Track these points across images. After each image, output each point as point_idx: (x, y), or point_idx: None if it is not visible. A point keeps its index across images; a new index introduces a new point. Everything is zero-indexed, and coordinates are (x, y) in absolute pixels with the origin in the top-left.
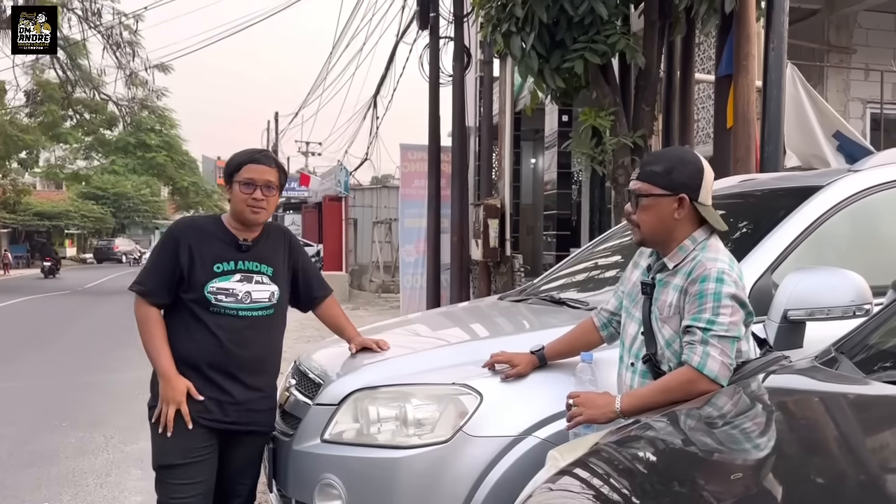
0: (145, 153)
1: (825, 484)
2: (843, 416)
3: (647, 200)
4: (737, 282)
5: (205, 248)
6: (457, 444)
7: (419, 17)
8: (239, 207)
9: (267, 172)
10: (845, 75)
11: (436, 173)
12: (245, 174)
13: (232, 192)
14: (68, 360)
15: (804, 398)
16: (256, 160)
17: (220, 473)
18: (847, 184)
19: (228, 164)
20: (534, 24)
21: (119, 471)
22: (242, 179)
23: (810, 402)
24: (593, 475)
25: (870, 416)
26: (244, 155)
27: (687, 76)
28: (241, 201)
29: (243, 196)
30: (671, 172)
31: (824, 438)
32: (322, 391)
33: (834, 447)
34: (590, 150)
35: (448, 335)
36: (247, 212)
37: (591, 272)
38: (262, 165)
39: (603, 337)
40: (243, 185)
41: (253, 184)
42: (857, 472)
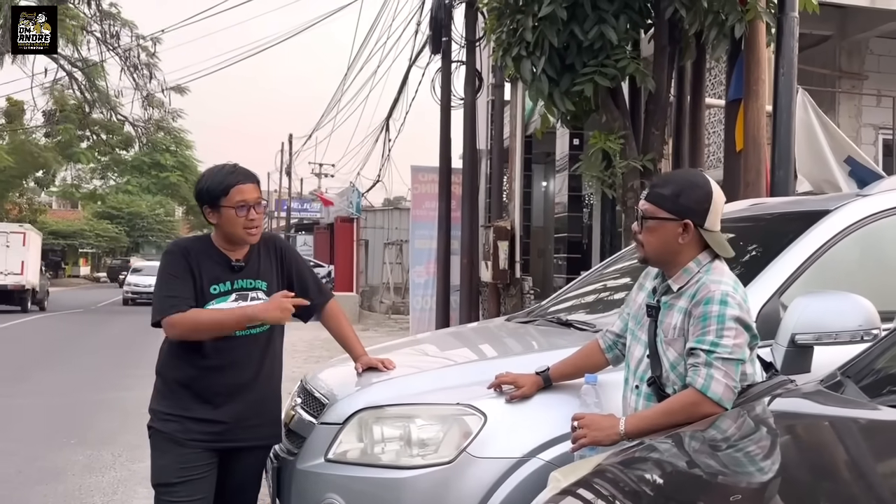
0: (159, 173)
1: None
2: (849, 440)
3: (652, 223)
4: (741, 304)
5: (203, 269)
6: (460, 465)
7: (431, 42)
8: (234, 231)
9: (254, 191)
10: (857, 101)
11: (446, 195)
12: (236, 197)
13: (221, 216)
14: (78, 378)
15: (809, 422)
16: (241, 181)
17: (221, 488)
18: (856, 208)
19: (210, 190)
20: (544, 48)
21: (125, 489)
22: (234, 203)
23: (815, 426)
24: (597, 496)
25: (876, 441)
26: (224, 177)
27: (697, 101)
28: (237, 225)
29: (238, 220)
30: (679, 196)
31: (829, 463)
32: (327, 410)
33: (839, 472)
34: (600, 173)
35: (455, 355)
36: (244, 234)
37: (600, 294)
38: (249, 184)
39: (608, 359)
40: (238, 208)
41: (246, 205)
42: (863, 497)
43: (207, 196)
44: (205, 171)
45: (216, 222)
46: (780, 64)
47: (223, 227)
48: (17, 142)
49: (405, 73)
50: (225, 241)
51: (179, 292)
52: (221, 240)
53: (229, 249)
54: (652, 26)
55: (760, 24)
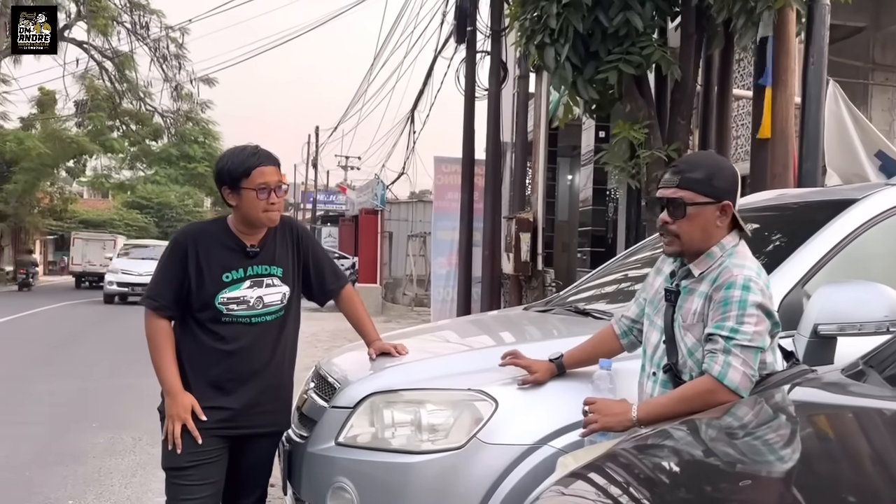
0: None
1: (851, 501)
2: (871, 430)
3: (693, 209)
4: (763, 290)
5: (212, 258)
6: (470, 451)
7: (456, 32)
8: (254, 214)
9: (275, 173)
10: (891, 94)
11: (469, 186)
12: (258, 179)
13: (241, 198)
14: (102, 363)
15: (830, 411)
16: (263, 162)
17: (233, 473)
18: (884, 197)
19: (231, 171)
20: (568, 35)
21: (144, 472)
22: (256, 185)
23: (836, 416)
24: (609, 481)
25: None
26: (245, 158)
27: (725, 91)
28: (257, 208)
29: (259, 202)
30: (713, 179)
31: (850, 453)
32: (338, 394)
33: (860, 463)
34: (624, 163)
35: (470, 341)
36: (264, 217)
37: (620, 284)
38: (270, 167)
39: (623, 345)
40: (259, 191)
41: (267, 188)
42: (886, 489)
43: (228, 177)
44: (225, 152)
45: (235, 204)
46: (811, 53)
47: (242, 210)
48: (49, 130)
49: (430, 64)
50: (242, 225)
51: (164, 294)
52: (239, 223)
53: (245, 233)
54: (679, 13)
55: (790, 12)
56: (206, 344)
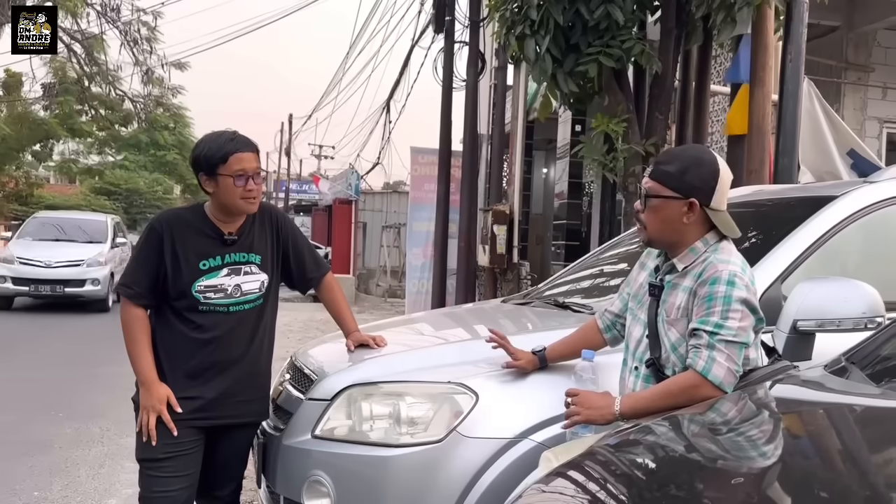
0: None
1: (831, 497)
2: (853, 427)
3: (655, 202)
4: (748, 286)
5: (189, 245)
6: (450, 444)
7: (435, 21)
8: (231, 201)
9: (254, 160)
10: (863, 93)
11: (445, 178)
12: (235, 165)
13: (218, 184)
14: (70, 352)
15: (812, 408)
16: (241, 148)
17: (208, 464)
18: (862, 195)
19: (208, 157)
20: (549, 27)
21: (112, 462)
22: (233, 172)
23: (818, 412)
24: (589, 479)
25: (880, 428)
26: (223, 143)
27: (702, 86)
28: (234, 195)
29: (236, 189)
30: (684, 174)
31: (832, 449)
32: (315, 386)
33: (842, 459)
34: (601, 157)
35: (448, 334)
36: (241, 204)
37: (597, 278)
38: (249, 153)
39: (606, 339)
40: (236, 177)
41: (245, 174)
42: (864, 486)
43: (205, 163)
44: (203, 137)
45: (212, 191)
46: (789, 50)
47: (219, 197)
48: (16, 113)
49: (407, 54)
50: (219, 212)
51: (140, 281)
52: (216, 210)
53: (223, 221)
54: (659, 8)
55: (769, 10)
56: (182, 333)
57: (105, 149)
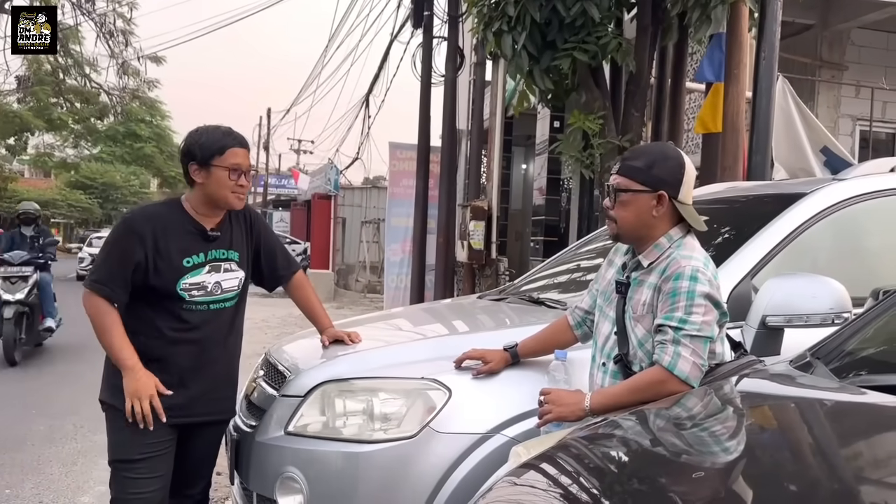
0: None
1: (796, 490)
2: (817, 421)
3: (625, 196)
4: (711, 281)
5: (171, 243)
6: (423, 439)
7: (413, 16)
8: (221, 193)
9: (247, 157)
10: (836, 91)
11: (424, 173)
12: (231, 159)
13: (210, 175)
14: (42, 349)
15: (777, 402)
16: (237, 144)
17: (179, 463)
18: (831, 192)
19: (204, 146)
20: (526, 23)
21: (86, 460)
22: (229, 165)
23: (783, 407)
24: (560, 471)
25: (844, 422)
26: (221, 136)
27: (678, 83)
28: (226, 187)
29: (229, 183)
30: (651, 168)
31: (796, 443)
32: (288, 382)
33: (806, 453)
34: (578, 153)
35: (423, 330)
36: (231, 198)
37: (573, 274)
38: (243, 150)
39: (577, 336)
40: (231, 171)
41: (239, 169)
42: (829, 479)
43: (200, 152)
44: (198, 127)
45: (202, 181)
46: (762, 48)
47: (208, 188)
48: None
49: (386, 49)
50: (203, 206)
51: (115, 279)
52: (199, 204)
53: (204, 216)
54: (635, 5)
55: (743, 8)
56: (163, 331)
57: (81, 142)
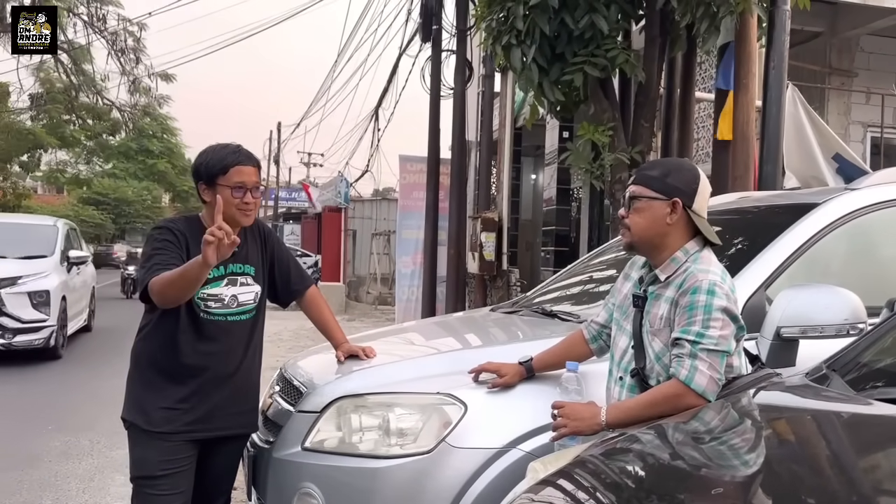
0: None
1: None
2: (834, 434)
3: (640, 203)
4: (728, 295)
5: (194, 253)
6: (439, 455)
7: (422, 30)
8: (228, 211)
9: (254, 174)
10: (846, 98)
11: (434, 185)
12: (235, 178)
13: (215, 194)
14: (60, 366)
15: (794, 415)
16: (242, 162)
17: (200, 479)
18: (844, 202)
19: (209, 166)
20: (535, 36)
21: (102, 476)
22: (233, 183)
23: (800, 420)
24: (578, 487)
25: (861, 435)
26: (226, 155)
27: (687, 93)
28: (230, 205)
29: (234, 200)
30: (667, 176)
31: (814, 456)
32: (304, 398)
33: (824, 466)
34: (588, 164)
35: (438, 344)
36: (238, 215)
37: (585, 286)
38: (249, 167)
39: (592, 349)
40: (235, 189)
41: (244, 187)
42: (847, 492)
43: (205, 172)
44: (207, 147)
45: (209, 200)
46: (771, 57)
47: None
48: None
49: (395, 62)
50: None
51: (166, 259)
52: (211, 220)
53: None
54: (643, 17)
55: (752, 18)
56: (182, 343)
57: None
